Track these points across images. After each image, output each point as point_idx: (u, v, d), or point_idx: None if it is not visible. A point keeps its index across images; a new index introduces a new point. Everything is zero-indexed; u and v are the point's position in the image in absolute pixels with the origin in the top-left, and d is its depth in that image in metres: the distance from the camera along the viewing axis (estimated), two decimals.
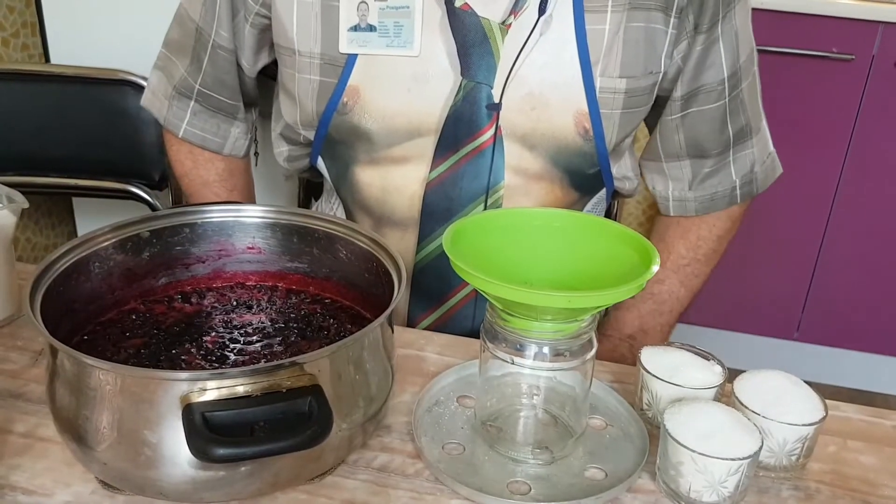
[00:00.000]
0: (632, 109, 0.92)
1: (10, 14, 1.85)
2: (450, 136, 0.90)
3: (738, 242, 2.11)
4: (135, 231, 0.75)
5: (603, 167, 0.95)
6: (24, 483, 0.63)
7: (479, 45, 0.87)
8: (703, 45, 0.91)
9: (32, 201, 0.86)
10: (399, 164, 0.93)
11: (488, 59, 0.87)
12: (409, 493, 0.64)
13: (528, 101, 0.89)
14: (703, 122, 0.96)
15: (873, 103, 1.92)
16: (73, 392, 0.58)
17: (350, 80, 0.90)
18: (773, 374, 0.71)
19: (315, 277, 0.80)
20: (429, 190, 0.92)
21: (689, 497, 0.63)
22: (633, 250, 0.68)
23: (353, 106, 0.90)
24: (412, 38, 0.87)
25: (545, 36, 0.87)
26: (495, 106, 0.88)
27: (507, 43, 0.87)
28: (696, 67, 0.92)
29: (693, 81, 0.93)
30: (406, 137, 0.91)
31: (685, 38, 0.90)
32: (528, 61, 0.87)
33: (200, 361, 0.69)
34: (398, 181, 0.94)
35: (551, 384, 0.71)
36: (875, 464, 0.71)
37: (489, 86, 0.88)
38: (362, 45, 0.88)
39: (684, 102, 0.95)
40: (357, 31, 0.88)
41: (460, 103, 0.88)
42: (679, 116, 0.96)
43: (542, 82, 0.88)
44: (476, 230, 0.70)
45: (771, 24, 1.88)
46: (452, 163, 0.91)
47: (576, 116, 0.89)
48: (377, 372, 0.64)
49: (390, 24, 0.87)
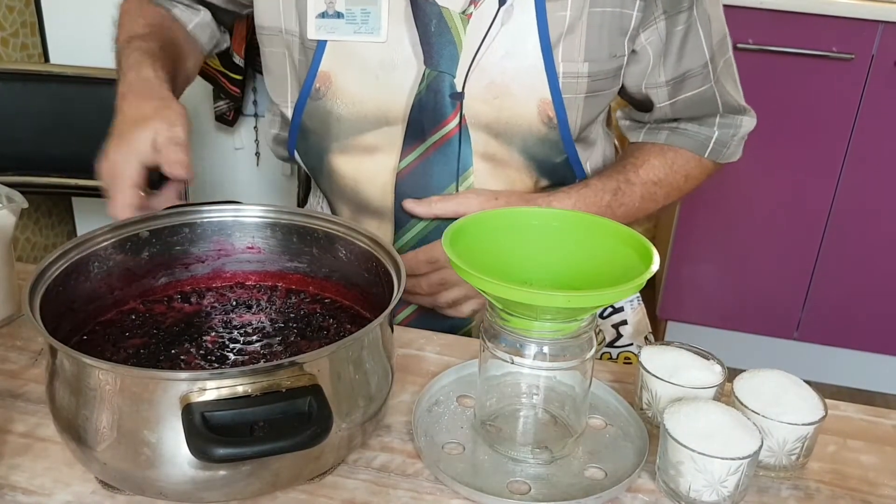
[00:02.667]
0: (596, 93, 0.93)
1: (10, 14, 1.85)
2: (416, 124, 0.92)
3: (739, 242, 2.13)
4: (134, 231, 0.75)
5: (570, 155, 0.96)
6: (24, 483, 0.63)
7: (440, 35, 0.88)
8: (682, 27, 0.91)
9: (32, 201, 0.86)
10: (370, 154, 0.95)
11: (450, 49, 0.88)
12: (409, 492, 0.64)
13: (490, 90, 0.90)
14: (693, 104, 0.98)
15: (873, 103, 1.92)
16: (72, 392, 0.58)
17: (321, 66, 0.92)
18: (773, 374, 0.71)
19: (315, 277, 0.80)
20: (399, 179, 0.94)
21: (688, 497, 0.63)
22: (632, 249, 0.68)
23: (325, 91, 0.93)
24: (379, 24, 0.89)
25: (507, 25, 0.88)
26: (458, 95, 0.90)
27: (469, 32, 0.88)
28: (678, 52, 0.93)
29: (677, 66, 0.94)
30: (375, 125, 0.93)
31: (652, 22, 0.91)
32: (490, 50, 0.88)
33: (200, 361, 0.69)
34: (370, 171, 0.96)
35: (551, 384, 0.71)
36: (875, 463, 0.71)
37: (451, 75, 0.89)
38: (330, 32, 0.91)
39: (672, 89, 0.96)
40: (325, 17, 0.90)
41: (424, 92, 0.90)
42: (669, 104, 0.98)
43: (504, 71, 0.89)
44: (476, 230, 0.70)
45: (771, 23, 1.88)
46: (421, 152, 0.92)
47: (539, 105, 0.91)
48: (377, 372, 0.64)
49: (357, 12, 0.89)
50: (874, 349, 2.19)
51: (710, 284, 2.21)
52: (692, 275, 2.20)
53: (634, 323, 1.08)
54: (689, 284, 2.22)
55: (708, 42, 0.94)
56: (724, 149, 1.02)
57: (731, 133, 1.01)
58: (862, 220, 2.04)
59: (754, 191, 2.04)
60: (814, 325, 2.18)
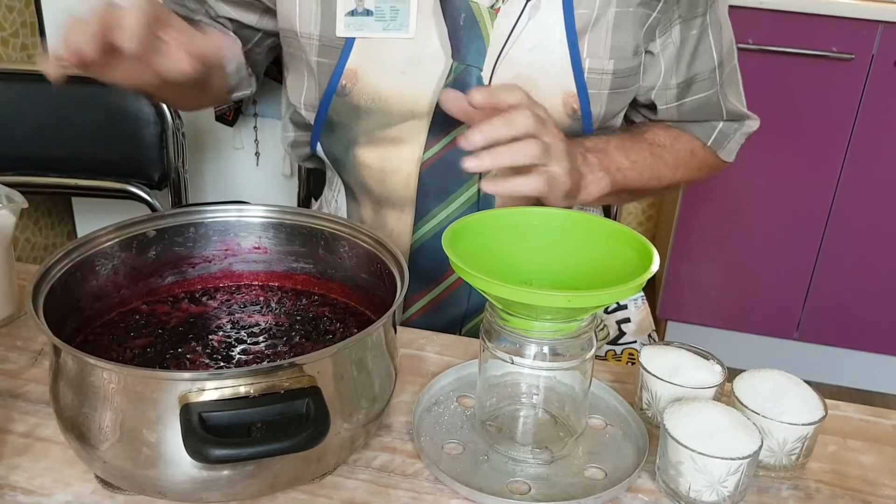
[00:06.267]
0: (619, 90, 0.94)
1: (10, 14, 1.85)
2: (441, 117, 0.92)
3: (739, 242, 2.13)
4: (140, 230, 0.75)
5: None
6: (24, 483, 0.63)
7: (469, 29, 0.89)
8: (697, 31, 0.94)
9: (32, 201, 0.86)
10: (395, 145, 0.96)
11: (478, 43, 0.89)
12: (409, 493, 0.64)
13: (516, 83, 0.90)
14: (699, 108, 1.00)
15: (873, 103, 1.92)
16: (75, 391, 0.58)
17: (348, 64, 0.92)
18: (773, 374, 0.71)
19: (320, 278, 0.80)
20: (423, 170, 0.95)
21: (688, 497, 0.63)
22: (632, 250, 0.68)
23: (351, 88, 0.93)
24: (407, 21, 0.90)
25: (534, 20, 0.89)
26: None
27: (497, 26, 0.89)
28: (691, 55, 0.95)
29: (689, 69, 0.97)
30: (400, 119, 0.94)
31: (668, 27, 0.93)
32: (518, 44, 0.89)
33: (206, 360, 0.69)
34: (395, 162, 0.96)
35: (551, 384, 0.71)
36: (875, 463, 0.71)
37: (479, 68, 0.90)
38: (359, 29, 0.91)
39: (680, 91, 0.98)
40: (354, 15, 0.91)
41: (451, 85, 0.90)
42: (675, 105, 0.99)
43: (530, 64, 0.90)
44: (476, 230, 0.70)
45: (771, 23, 1.88)
46: (445, 143, 0.93)
47: (564, 97, 0.92)
48: (380, 373, 0.64)
49: (386, 9, 0.90)
50: (874, 349, 2.19)
51: (710, 284, 2.21)
52: (692, 275, 2.20)
53: (638, 321, 1.08)
54: (689, 284, 2.22)
55: (718, 47, 0.96)
56: (725, 140, 1.03)
57: (734, 127, 1.03)
58: (862, 220, 2.04)
59: (754, 191, 2.04)
60: (814, 325, 2.18)
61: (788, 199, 2.05)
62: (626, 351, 1.07)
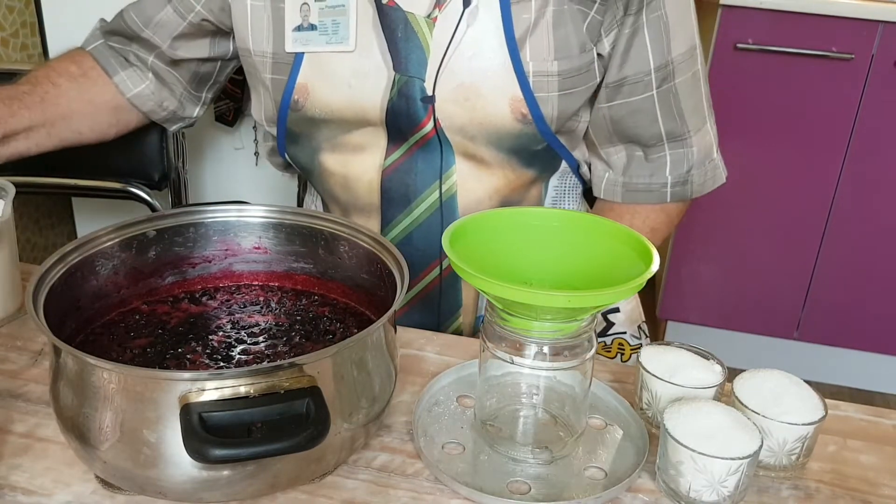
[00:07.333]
0: (570, 90, 0.92)
1: (10, 14, 1.85)
2: (393, 128, 0.93)
3: (739, 242, 2.13)
4: (140, 231, 0.75)
5: (551, 142, 0.96)
6: (24, 483, 0.63)
7: (407, 40, 0.89)
8: (629, 30, 0.90)
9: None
10: (357, 153, 0.97)
11: (418, 53, 0.89)
12: (409, 493, 0.64)
13: (460, 92, 0.90)
14: (630, 113, 0.95)
15: (873, 103, 1.92)
16: (75, 391, 0.58)
17: (299, 79, 0.94)
18: (773, 374, 0.71)
19: (320, 278, 0.80)
20: (385, 177, 0.96)
21: (688, 497, 0.63)
22: (632, 250, 0.68)
23: (304, 103, 0.94)
24: (348, 34, 0.91)
25: (472, 27, 0.89)
26: (429, 98, 0.90)
27: (436, 36, 0.89)
28: (622, 55, 0.92)
29: (619, 70, 0.93)
30: (357, 126, 0.95)
31: (615, 24, 0.90)
32: (458, 53, 0.89)
33: (206, 360, 0.69)
34: (357, 169, 0.98)
35: (551, 384, 0.71)
36: (875, 463, 0.71)
37: (421, 79, 0.90)
38: (305, 44, 0.93)
39: (610, 91, 0.94)
40: (300, 30, 0.92)
41: (395, 98, 0.91)
42: (606, 106, 0.96)
43: (472, 72, 0.90)
44: (476, 230, 0.70)
45: (771, 23, 1.88)
46: (403, 151, 0.94)
47: (511, 102, 0.90)
48: (380, 373, 0.64)
49: (328, 23, 0.91)
50: (874, 349, 2.19)
51: (710, 284, 2.21)
52: (692, 275, 2.20)
53: (627, 311, 1.08)
54: (689, 284, 2.22)
55: (658, 50, 0.91)
56: (685, 187, 0.99)
57: (685, 168, 0.98)
58: (862, 220, 2.04)
59: (754, 191, 2.04)
60: (814, 325, 2.18)
61: (788, 198, 2.05)
62: (616, 341, 1.06)
